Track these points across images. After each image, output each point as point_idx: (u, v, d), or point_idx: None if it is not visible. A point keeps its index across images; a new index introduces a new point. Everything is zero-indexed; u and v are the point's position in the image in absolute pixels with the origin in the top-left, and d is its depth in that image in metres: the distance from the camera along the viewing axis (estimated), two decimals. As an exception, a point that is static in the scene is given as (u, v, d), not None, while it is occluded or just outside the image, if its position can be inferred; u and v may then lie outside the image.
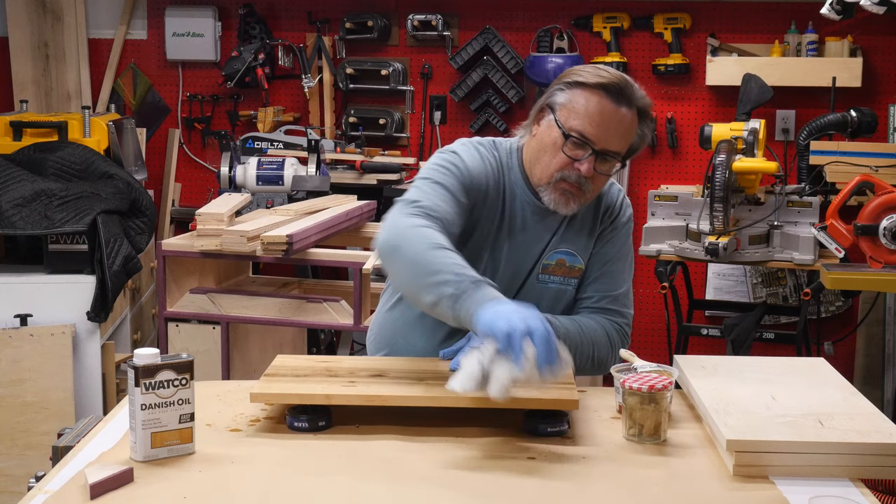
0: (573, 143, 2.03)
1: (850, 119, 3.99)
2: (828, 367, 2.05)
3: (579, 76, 2.05)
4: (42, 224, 3.53)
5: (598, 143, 2.02)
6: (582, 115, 2.02)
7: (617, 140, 2.04)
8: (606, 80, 2.03)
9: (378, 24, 4.71)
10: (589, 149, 2.03)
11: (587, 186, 2.06)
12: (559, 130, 2.03)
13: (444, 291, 1.79)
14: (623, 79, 2.05)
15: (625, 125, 2.04)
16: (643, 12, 4.58)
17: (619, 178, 4.63)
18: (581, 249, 2.16)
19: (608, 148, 2.03)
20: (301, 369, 1.97)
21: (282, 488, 1.59)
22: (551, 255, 2.14)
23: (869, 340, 4.45)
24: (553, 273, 2.15)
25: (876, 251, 3.38)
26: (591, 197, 2.10)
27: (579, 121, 2.02)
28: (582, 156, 2.03)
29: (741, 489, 1.60)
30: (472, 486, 1.60)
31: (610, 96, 2.02)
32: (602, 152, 2.03)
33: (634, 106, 2.05)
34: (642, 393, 1.76)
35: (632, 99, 2.04)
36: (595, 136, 2.02)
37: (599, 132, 2.02)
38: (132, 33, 4.98)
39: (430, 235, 1.87)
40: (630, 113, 2.04)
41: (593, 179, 2.06)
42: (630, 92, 2.04)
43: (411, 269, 1.87)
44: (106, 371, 3.70)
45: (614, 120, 2.02)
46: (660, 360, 2.06)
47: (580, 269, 2.16)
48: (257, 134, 4.78)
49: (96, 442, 1.79)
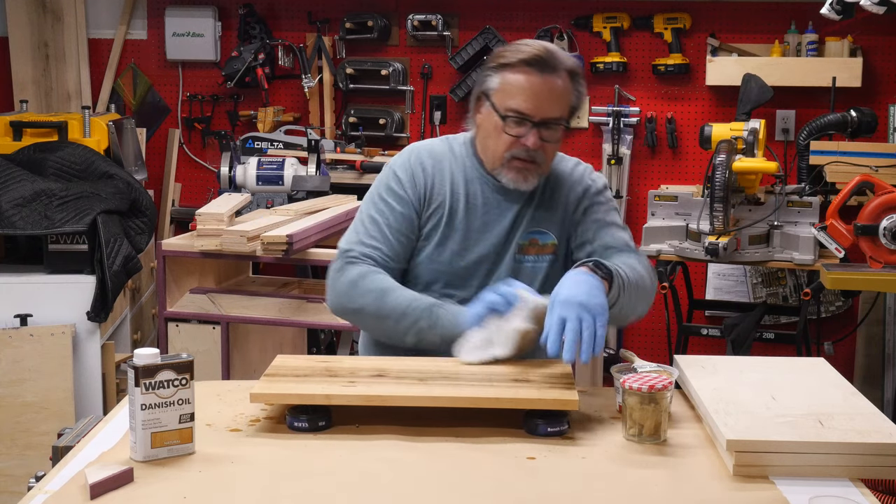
0: (512, 121, 2.14)
1: (850, 119, 3.99)
2: (828, 367, 2.05)
3: (502, 58, 2.16)
4: (42, 224, 3.53)
5: (535, 116, 2.13)
6: (514, 93, 2.13)
7: (552, 107, 2.14)
8: (528, 54, 2.13)
9: (378, 24, 4.71)
10: (528, 123, 2.13)
11: (539, 157, 2.17)
12: (497, 115, 2.15)
13: (421, 326, 2.09)
14: (544, 48, 2.15)
15: (557, 91, 2.14)
16: (643, 12, 4.58)
17: (620, 176, 4.63)
18: (553, 226, 2.25)
19: (547, 116, 2.14)
20: (301, 369, 1.97)
21: (282, 488, 1.59)
22: (524, 235, 2.23)
23: (869, 340, 4.45)
24: (527, 252, 2.24)
25: (876, 251, 3.38)
26: (546, 168, 2.21)
27: (513, 100, 2.13)
28: (524, 131, 2.14)
29: (741, 489, 1.60)
30: (472, 486, 1.60)
31: (535, 68, 2.12)
32: (542, 122, 2.13)
33: (562, 69, 2.14)
34: (642, 393, 1.76)
35: (556, 65, 2.14)
36: (531, 109, 2.12)
37: (534, 105, 2.12)
38: (132, 33, 4.99)
39: (371, 285, 2.13)
40: (558, 77, 2.14)
41: (544, 150, 2.16)
42: (553, 59, 2.14)
43: (378, 323, 2.15)
44: (106, 371, 3.70)
45: (545, 89, 2.12)
46: (660, 360, 2.06)
47: (553, 245, 2.24)
48: (257, 134, 4.78)
49: (96, 442, 1.79)
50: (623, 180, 4.66)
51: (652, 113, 4.64)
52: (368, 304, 2.13)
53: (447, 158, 2.26)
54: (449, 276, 2.22)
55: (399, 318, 2.10)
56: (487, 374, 1.93)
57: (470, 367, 1.97)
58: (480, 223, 2.22)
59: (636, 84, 4.66)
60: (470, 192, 2.23)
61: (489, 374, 1.92)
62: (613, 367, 1.94)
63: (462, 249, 2.22)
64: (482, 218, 2.22)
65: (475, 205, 2.23)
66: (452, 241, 2.22)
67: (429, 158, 2.26)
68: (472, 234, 2.22)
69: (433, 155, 2.27)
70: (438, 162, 2.26)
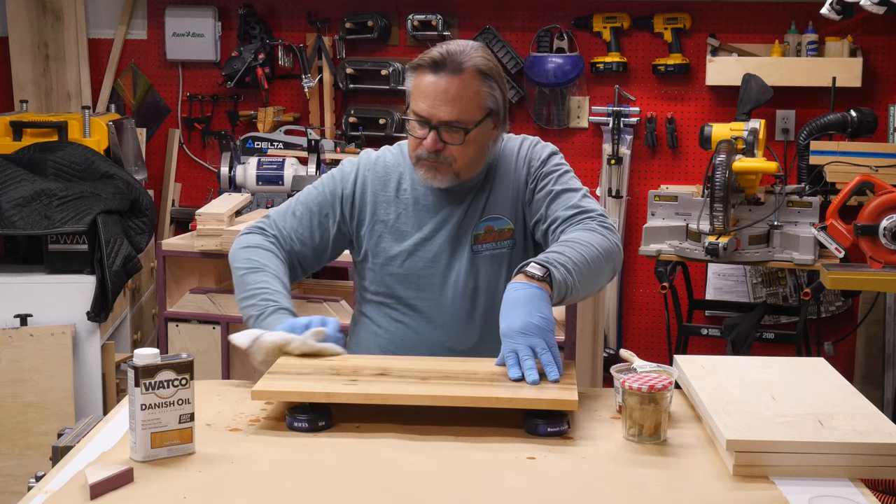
0: (415, 123, 2.16)
1: (850, 119, 3.99)
2: (828, 367, 2.05)
3: (414, 60, 2.17)
4: (42, 224, 3.53)
5: (432, 118, 2.13)
6: (416, 95, 2.15)
7: (448, 109, 2.12)
8: (429, 56, 2.13)
9: (378, 24, 4.71)
10: (427, 126, 2.14)
11: (446, 158, 2.16)
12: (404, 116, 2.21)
13: (251, 313, 2.17)
14: (447, 50, 2.14)
15: (453, 94, 2.11)
16: (643, 12, 4.58)
17: (620, 176, 4.63)
18: (507, 211, 2.25)
19: (442, 118, 2.12)
20: (304, 367, 1.97)
21: (282, 488, 1.59)
22: (479, 225, 2.24)
23: (869, 340, 4.45)
24: (484, 241, 2.24)
25: (876, 251, 3.38)
26: (461, 166, 2.19)
27: (414, 102, 2.15)
28: (425, 133, 2.14)
29: (741, 489, 1.60)
30: (472, 486, 1.60)
31: (430, 70, 2.12)
32: (438, 125, 2.13)
33: (464, 70, 2.12)
34: (642, 393, 1.76)
35: (458, 65, 2.12)
36: (426, 111, 2.13)
37: (428, 107, 2.13)
38: (132, 33, 4.98)
39: (255, 258, 2.23)
40: (458, 79, 2.12)
41: (449, 151, 2.15)
42: (454, 60, 2.12)
43: (236, 287, 2.24)
44: (106, 371, 3.70)
45: (438, 91, 2.11)
46: (660, 360, 2.06)
47: (510, 230, 2.24)
48: (257, 134, 4.78)
49: (96, 442, 1.79)
50: (623, 180, 4.66)
51: (652, 113, 4.64)
52: (238, 269, 2.24)
53: (395, 165, 2.29)
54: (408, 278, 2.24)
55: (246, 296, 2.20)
56: (488, 374, 1.93)
57: (470, 367, 1.97)
58: (434, 220, 2.24)
59: (636, 84, 4.66)
60: (419, 192, 2.25)
61: (490, 374, 1.92)
62: (613, 367, 1.94)
63: (419, 248, 2.24)
64: (434, 216, 2.24)
65: (425, 205, 2.25)
66: (407, 240, 2.24)
67: (373, 164, 2.31)
68: (426, 232, 2.24)
69: (379, 161, 2.31)
70: (384, 167, 2.30)
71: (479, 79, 2.13)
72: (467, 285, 2.23)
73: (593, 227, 2.14)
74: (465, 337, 2.24)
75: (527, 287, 1.95)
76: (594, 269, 2.07)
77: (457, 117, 2.12)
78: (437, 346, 2.23)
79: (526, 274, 1.97)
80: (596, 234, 2.12)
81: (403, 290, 2.25)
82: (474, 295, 2.23)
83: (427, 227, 2.24)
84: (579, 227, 2.14)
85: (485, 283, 2.23)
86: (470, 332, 2.24)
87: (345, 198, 2.28)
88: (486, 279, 2.23)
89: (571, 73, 4.57)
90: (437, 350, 2.22)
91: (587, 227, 2.14)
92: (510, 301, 1.94)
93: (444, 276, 2.24)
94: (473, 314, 2.24)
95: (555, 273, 1.97)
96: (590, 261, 2.05)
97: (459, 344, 2.23)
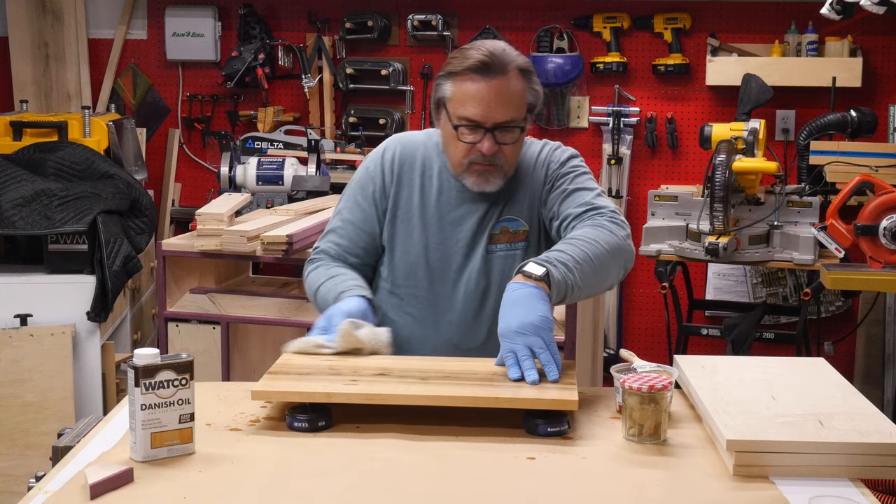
0: (465, 129, 2.14)
1: (850, 119, 3.99)
2: (828, 367, 2.05)
3: (450, 66, 2.16)
4: (42, 224, 3.53)
5: (486, 122, 2.12)
6: (463, 102, 2.13)
7: (504, 110, 2.13)
8: (473, 60, 2.12)
9: (378, 24, 4.71)
10: (481, 129, 2.12)
11: (499, 160, 2.17)
12: (450, 123, 2.16)
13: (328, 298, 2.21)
14: (489, 51, 2.13)
15: (505, 94, 2.12)
16: (643, 12, 4.58)
17: (620, 176, 4.63)
18: (523, 213, 2.25)
19: (498, 121, 2.13)
20: (305, 367, 1.97)
21: (282, 488, 1.59)
22: (496, 225, 2.24)
23: (869, 340, 4.45)
24: (499, 241, 2.25)
25: (876, 251, 3.38)
26: (510, 168, 2.20)
27: (463, 108, 2.13)
28: (479, 138, 2.13)
29: (741, 489, 1.60)
30: (472, 486, 1.60)
31: (480, 74, 2.11)
32: (494, 127, 2.12)
33: (510, 70, 2.12)
34: (642, 393, 1.76)
35: (503, 66, 2.12)
36: (481, 116, 2.12)
37: (483, 111, 2.12)
38: (132, 33, 4.98)
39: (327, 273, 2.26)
40: (506, 79, 2.12)
41: (503, 152, 2.16)
42: (499, 61, 2.12)
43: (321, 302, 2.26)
44: (106, 371, 3.70)
45: (492, 94, 2.11)
46: (660, 360, 2.06)
47: (525, 231, 2.26)
48: (257, 134, 4.78)
49: (96, 442, 1.79)
50: (623, 180, 4.66)
51: (652, 113, 4.64)
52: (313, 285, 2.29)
53: (421, 151, 2.28)
54: (422, 271, 2.25)
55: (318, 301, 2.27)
56: (488, 374, 1.93)
57: (470, 367, 1.98)
58: (454, 216, 2.24)
59: (636, 84, 4.66)
60: (444, 184, 2.25)
61: (490, 374, 1.92)
62: (613, 367, 1.94)
63: (436, 241, 2.24)
64: (455, 211, 2.24)
65: (449, 197, 2.25)
66: (426, 232, 2.25)
67: (401, 151, 2.29)
68: (445, 226, 2.24)
69: (407, 148, 2.30)
70: (411, 155, 2.28)
71: (521, 76, 2.15)
72: (479, 284, 2.24)
73: (602, 224, 2.14)
74: (472, 335, 2.25)
75: (525, 287, 1.95)
76: (598, 267, 2.07)
77: (512, 117, 2.13)
78: (444, 343, 2.24)
79: (525, 273, 1.97)
80: (603, 230, 2.12)
81: (416, 282, 2.26)
82: (485, 294, 2.24)
83: (447, 221, 2.25)
84: (588, 224, 2.14)
85: (496, 283, 2.23)
86: (477, 331, 2.25)
87: (376, 194, 2.28)
88: (497, 279, 2.23)
89: (571, 73, 4.57)
90: (443, 347, 2.22)
91: (595, 224, 2.14)
92: (508, 301, 1.95)
93: (458, 272, 2.24)
94: (482, 313, 2.24)
95: (554, 272, 1.97)
96: (594, 258, 2.05)
97: (466, 342, 2.24)
